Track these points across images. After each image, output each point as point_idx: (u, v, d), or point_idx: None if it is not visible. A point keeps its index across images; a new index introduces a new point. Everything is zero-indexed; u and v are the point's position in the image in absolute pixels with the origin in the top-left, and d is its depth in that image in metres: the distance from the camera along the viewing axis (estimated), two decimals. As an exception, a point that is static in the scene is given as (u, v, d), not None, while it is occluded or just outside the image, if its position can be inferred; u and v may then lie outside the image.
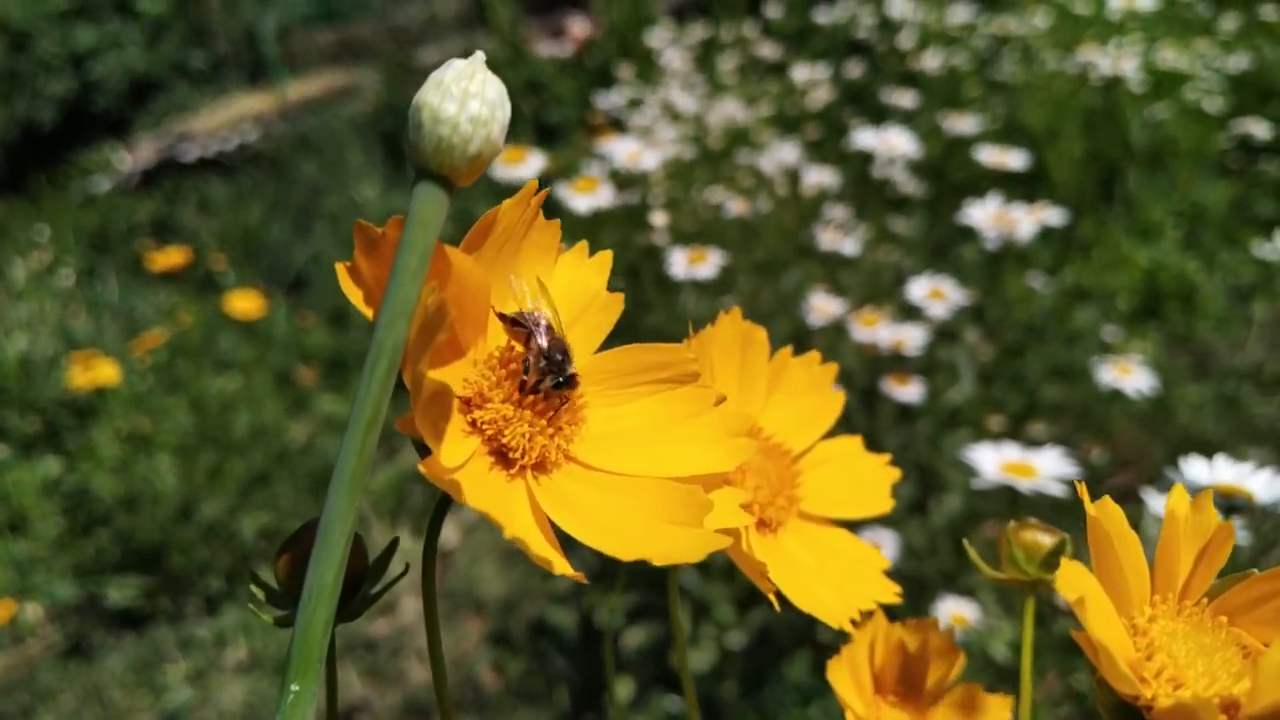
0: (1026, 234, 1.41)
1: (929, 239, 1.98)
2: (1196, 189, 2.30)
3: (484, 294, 0.28)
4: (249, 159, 4.16)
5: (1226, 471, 0.61)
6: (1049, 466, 0.84)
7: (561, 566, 0.24)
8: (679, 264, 1.41)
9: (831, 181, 1.76)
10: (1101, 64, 2.18)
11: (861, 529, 1.10)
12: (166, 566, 1.91)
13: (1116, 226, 2.23)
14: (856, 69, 2.55)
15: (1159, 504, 0.74)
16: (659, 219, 1.55)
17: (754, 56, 2.78)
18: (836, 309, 1.43)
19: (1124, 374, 1.28)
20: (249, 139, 4.41)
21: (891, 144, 1.69)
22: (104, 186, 4.27)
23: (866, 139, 1.72)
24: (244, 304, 2.49)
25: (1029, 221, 1.42)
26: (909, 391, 1.33)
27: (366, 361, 0.24)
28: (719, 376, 0.40)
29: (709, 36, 2.95)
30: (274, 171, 3.78)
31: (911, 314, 1.49)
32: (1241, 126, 2.20)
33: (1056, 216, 1.50)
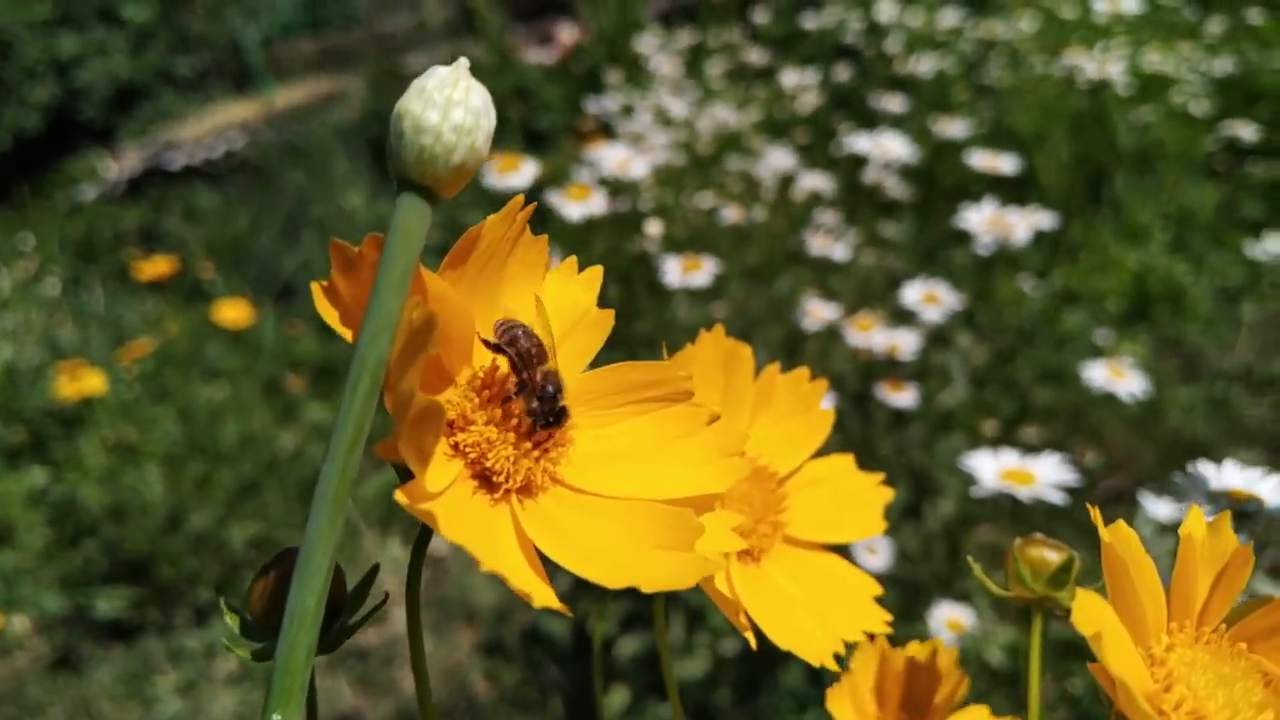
0: (1022, 238, 1.41)
1: (919, 243, 1.98)
2: (1184, 192, 2.30)
3: (466, 318, 0.27)
4: (235, 167, 4.14)
5: (1234, 476, 0.60)
6: (1047, 473, 0.83)
7: (543, 598, 0.23)
8: (673, 272, 1.40)
9: (824, 187, 1.75)
10: (1087, 68, 2.18)
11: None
12: (155, 577, 1.89)
13: (1104, 229, 2.23)
14: (844, 74, 2.54)
15: (1155, 507, 0.73)
16: (654, 228, 1.54)
17: (742, 62, 2.77)
18: (830, 314, 1.42)
19: (1117, 377, 1.27)
20: (235, 147, 4.39)
21: (885, 148, 1.69)
22: (89, 195, 4.25)
23: (860, 143, 1.71)
24: (232, 312, 2.48)
25: (1024, 226, 1.41)
26: (903, 397, 1.32)
27: (348, 381, 0.23)
28: (701, 396, 0.39)
29: (697, 42, 2.94)
30: (261, 179, 3.76)
31: (904, 318, 1.48)
32: (1230, 129, 2.21)
33: (1048, 220, 1.50)
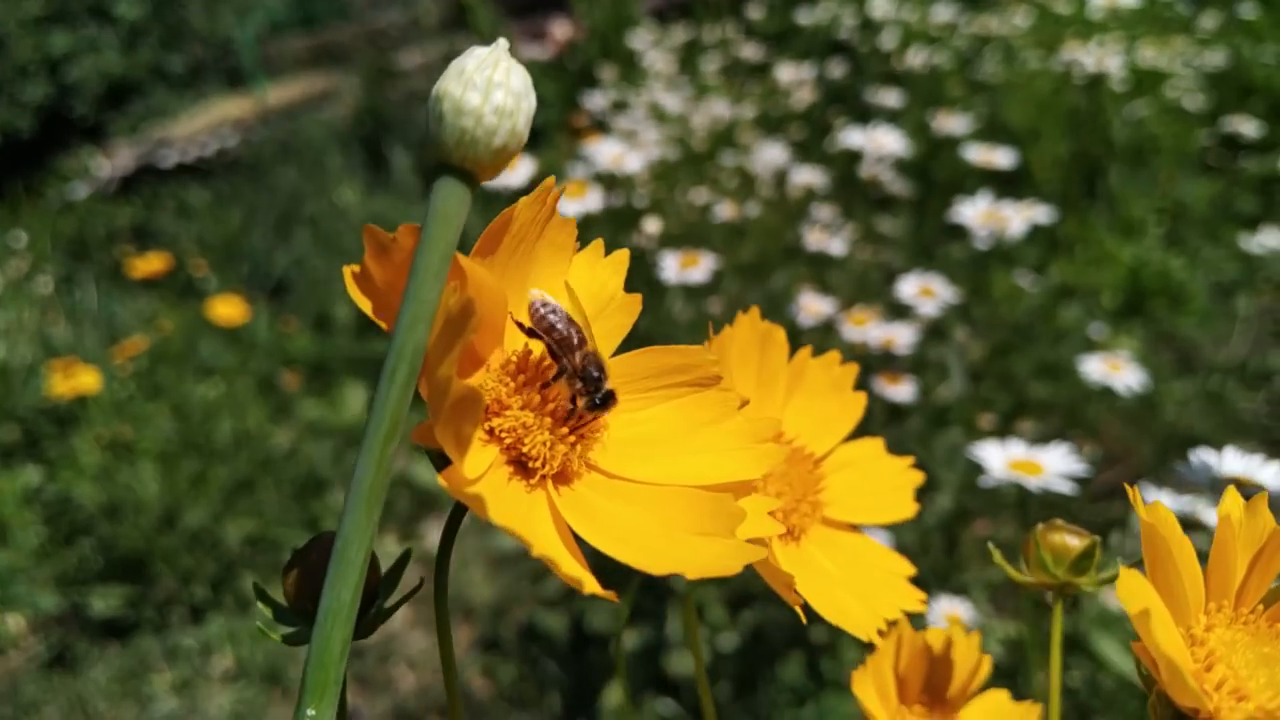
0: (1017, 231, 1.41)
1: (914, 238, 1.98)
2: (1178, 186, 2.30)
3: (501, 302, 0.27)
4: (228, 164, 4.13)
5: (1235, 463, 0.60)
6: (1055, 464, 0.83)
7: (592, 585, 0.23)
8: (671, 268, 1.40)
9: (819, 182, 1.75)
10: (1086, 62, 2.18)
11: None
12: (150, 575, 1.88)
13: (1099, 224, 2.23)
14: (838, 69, 2.54)
15: (1154, 498, 0.73)
16: (651, 225, 1.54)
17: (736, 58, 2.77)
18: (826, 308, 1.42)
19: (1114, 370, 1.28)
20: (228, 144, 4.37)
21: (880, 142, 1.69)
22: (82, 193, 4.23)
23: (855, 138, 1.71)
24: (226, 310, 2.47)
25: (1020, 219, 1.41)
26: (901, 390, 1.32)
27: (384, 368, 0.22)
28: (737, 378, 0.39)
29: (691, 38, 2.94)
30: (254, 176, 3.75)
31: (900, 312, 1.48)
32: (1230, 125, 2.21)
33: (1044, 214, 1.50)
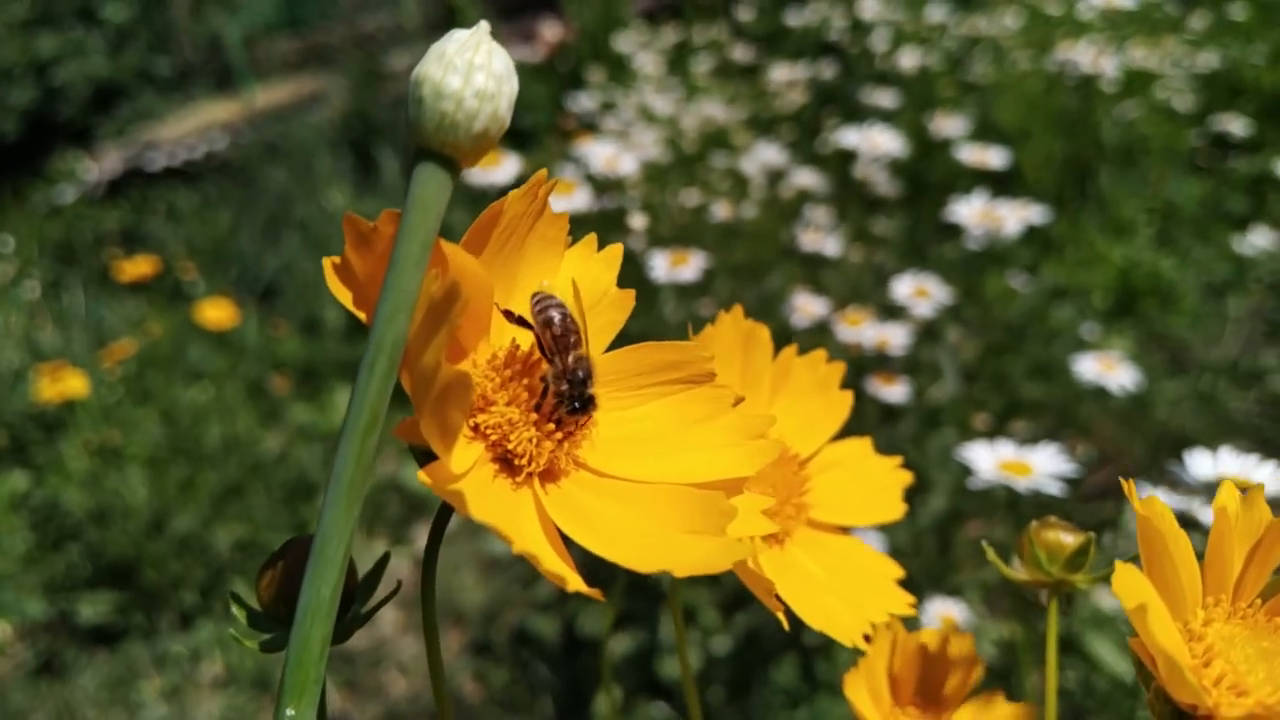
0: (1012, 231, 1.41)
1: (907, 239, 1.98)
2: (1168, 186, 2.31)
3: (486, 293, 0.26)
4: (217, 167, 4.11)
5: (1231, 464, 0.60)
6: (1045, 464, 0.83)
7: (576, 583, 0.22)
8: (660, 267, 1.40)
9: (814, 183, 1.75)
10: (1081, 62, 2.19)
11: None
12: (139, 581, 1.87)
13: (1090, 224, 2.23)
14: (828, 71, 2.54)
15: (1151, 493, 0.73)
16: (638, 221, 1.54)
17: (726, 59, 2.77)
18: (820, 309, 1.42)
19: (1108, 370, 1.28)
20: (216, 147, 4.36)
21: (875, 142, 1.69)
22: (69, 196, 4.21)
23: (851, 138, 1.71)
24: (215, 313, 2.46)
25: (1015, 219, 1.41)
26: (895, 391, 1.32)
27: (363, 360, 0.22)
28: (720, 378, 0.39)
29: (681, 39, 2.94)
30: (242, 179, 3.74)
31: (893, 313, 1.48)
32: (1220, 124, 2.22)
33: (1039, 214, 1.50)
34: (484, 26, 0.22)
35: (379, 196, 3.34)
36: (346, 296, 0.25)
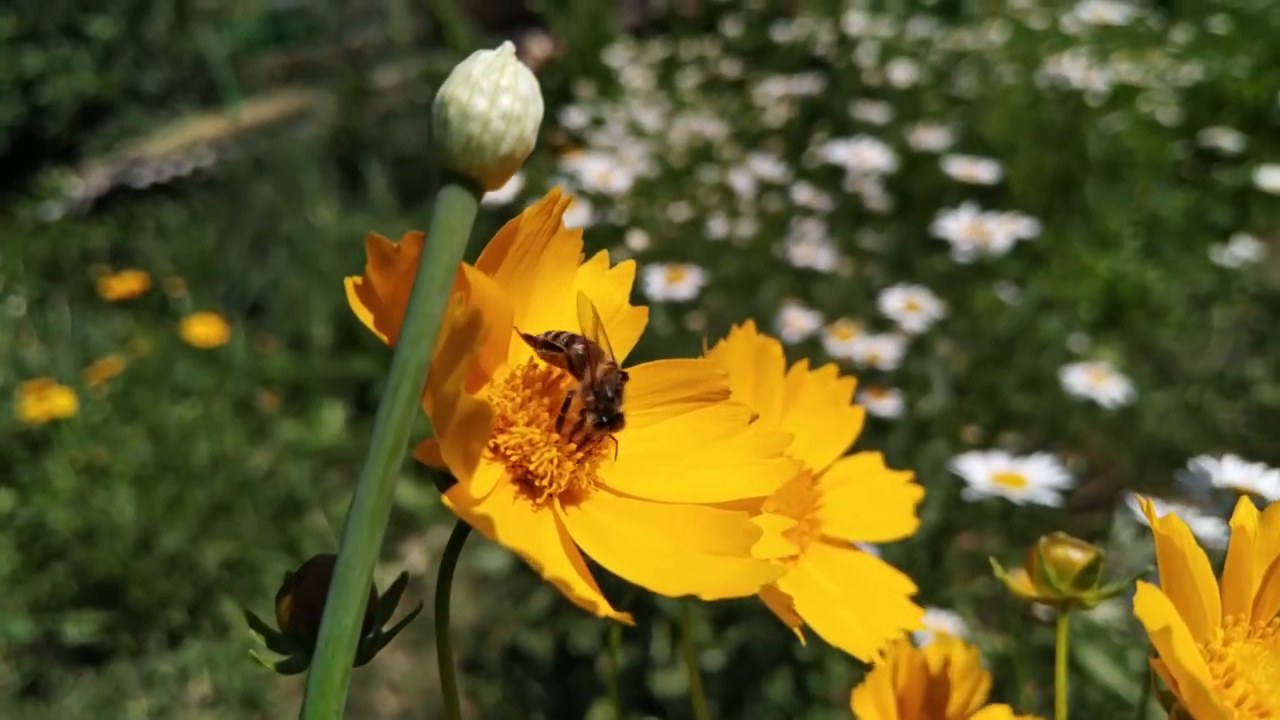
0: (1001, 245, 1.41)
1: (896, 253, 1.99)
2: (1153, 198, 2.32)
3: (507, 316, 0.26)
4: (204, 183, 4.10)
5: (1235, 473, 0.60)
6: (1039, 475, 0.83)
7: (606, 608, 0.22)
8: (656, 284, 1.40)
9: (804, 197, 1.75)
10: (1072, 77, 2.20)
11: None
12: (126, 600, 1.85)
13: (1075, 237, 2.24)
14: (815, 85, 2.56)
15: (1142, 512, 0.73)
16: (637, 240, 1.54)
17: (714, 74, 2.78)
18: (810, 323, 1.42)
19: (1098, 382, 1.28)
20: (203, 163, 4.35)
21: (864, 157, 1.69)
22: (55, 213, 4.18)
23: (840, 153, 1.72)
24: (202, 330, 2.45)
25: (1003, 233, 1.42)
26: (886, 405, 1.32)
27: (387, 384, 0.21)
28: (733, 394, 0.39)
29: (668, 55, 2.95)
30: (229, 196, 3.73)
31: (883, 326, 1.48)
32: (1210, 139, 2.24)
33: (1027, 228, 1.50)
34: (508, 48, 0.22)
35: (366, 212, 3.34)
36: (368, 317, 0.25)
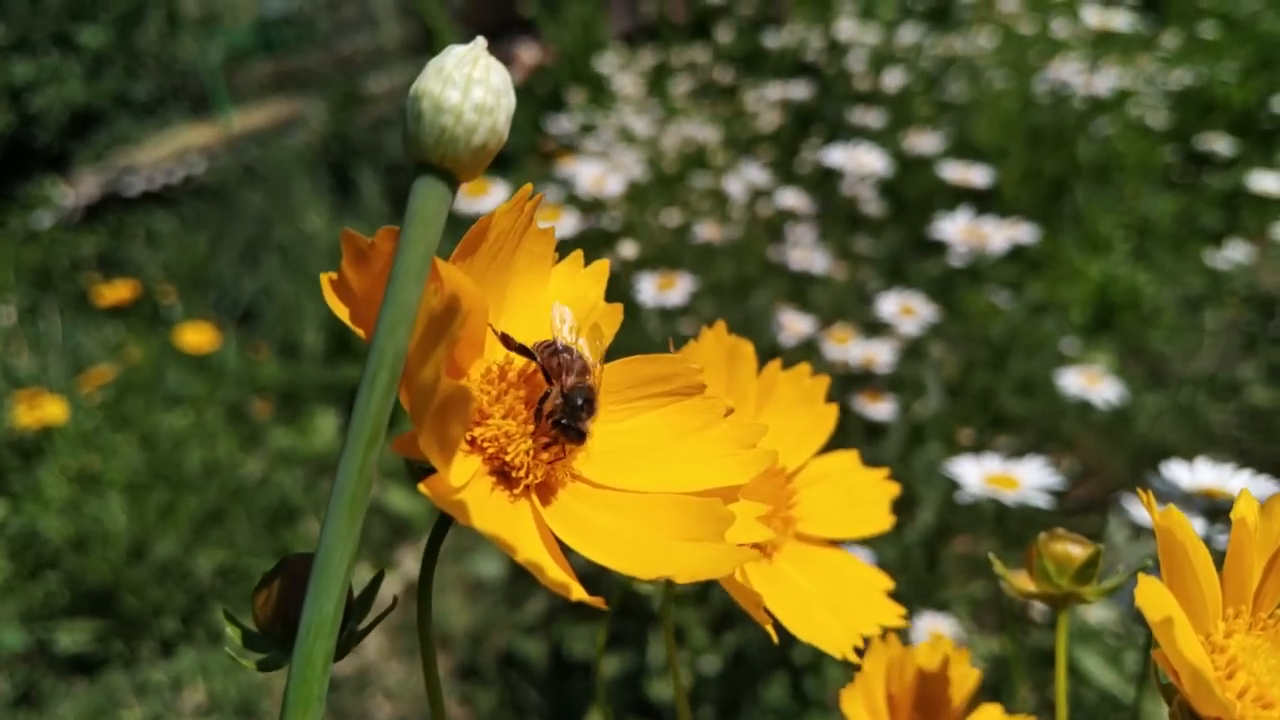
0: (998, 248, 1.42)
1: (888, 256, 1.99)
2: (1143, 202, 2.33)
3: (481, 311, 0.26)
4: (194, 191, 4.10)
5: (1208, 474, 0.60)
6: (1031, 477, 0.83)
7: (579, 591, 0.22)
8: (648, 290, 1.40)
9: (798, 202, 1.75)
10: (1075, 83, 2.21)
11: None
12: (119, 609, 1.85)
13: (1066, 240, 2.25)
14: (806, 91, 2.56)
15: (1138, 510, 0.73)
16: (628, 249, 1.54)
17: (705, 81, 2.79)
18: (806, 327, 1.42)
19: (1092, 384, 1.28)
20: (194, 171, 4.35)
21: (861, 161, 1.69)
22: (46, 222, 4.17)
23: (836, 157, 1.72)
24: (194, 337, 2.44)
25: (1000, 236, 1.42)
26: (881, 409, 1.32)
27: (364, 374, 0.21)
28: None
29: (659, 61, 2.95)
30: (221, 203, 3.72)
31: (877, 330, 1.48)
32: (1194, 142, 2.25)
33: (1025, 233, 1.51)
34: (481, 42, 0.22)
35: (358, 218, 3.34)
36: (344, 313, 0.25)
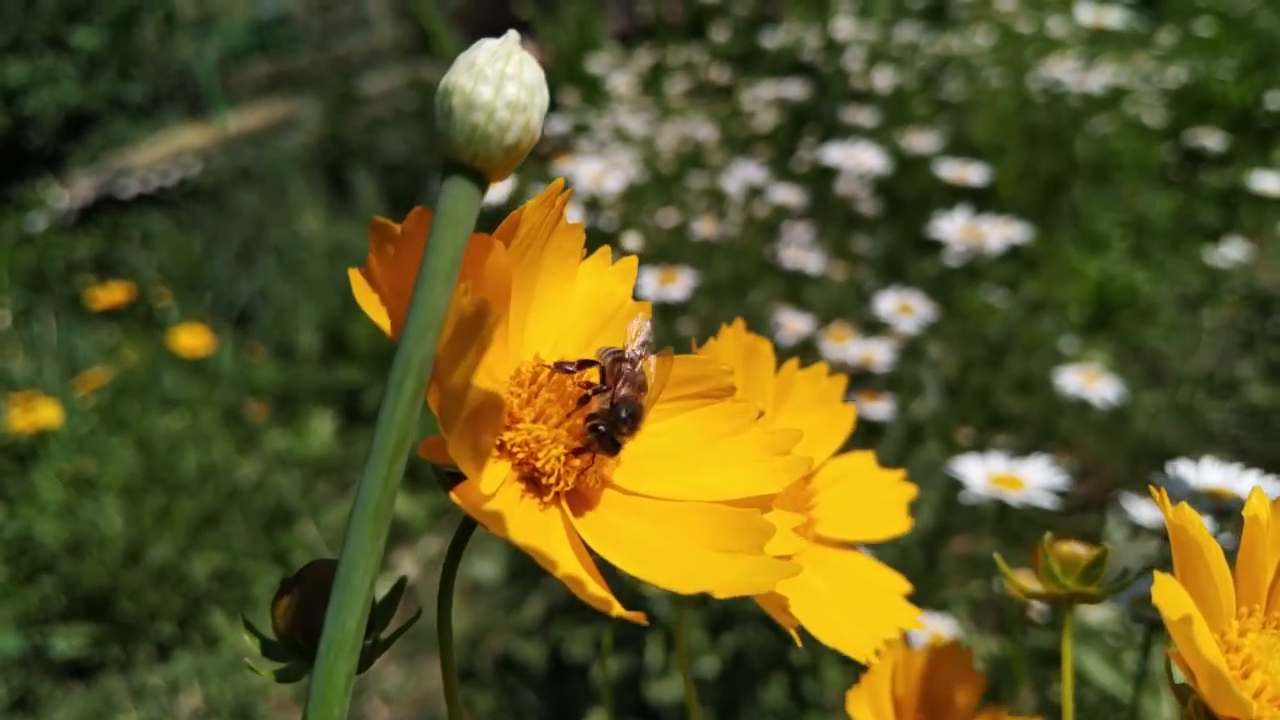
0: (995, 247, 1.42)
1: (885, 255, 1.99)
2: (1141, 200, 2.33)
3: (504, 295, 0.26)
4: (190, 193, 4.08)
5: (1214, 474, 0.60)
6: (1036, 477, 0.83)
7: (618, 607, 0.21)
8: (649, 285, 1.40)
9: (795, 200, 1.75)
10: (1070, 81, 2.21)
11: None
12: (115, 613, 1.84)
13: (1064, 239, 2.25)
14: (803, 90, 2.56)
15: (1137, 510, 0.73)
16: (631, 241, 1.54)
17: (701, 80, 2.78)
18: (805, 326, 1.42)
19: (1090, 383, 1.28)
20: (190, 173, 4.33)
21: (859, 159, 1.69)
22: (40, 224, 4.16)
23: (834, 155, 1.71)
24: (190, 340, 2.43)
25: (997, 235, 1.42)
26: (879, 408, 1.32)
27: (390, 380, 0.21)
28: (733, 391, 0.38)
29: (655, 61, 2.95)
30: (216, 205, 3.71)
31: (875, 329, 1.48)
32: (1191, 140, 2.25)
33: (1022, 232, 1.51)
34: (513, 36, 0.21)
35: (354, 220, 3.33)
36: (374, 307, 0.24)
